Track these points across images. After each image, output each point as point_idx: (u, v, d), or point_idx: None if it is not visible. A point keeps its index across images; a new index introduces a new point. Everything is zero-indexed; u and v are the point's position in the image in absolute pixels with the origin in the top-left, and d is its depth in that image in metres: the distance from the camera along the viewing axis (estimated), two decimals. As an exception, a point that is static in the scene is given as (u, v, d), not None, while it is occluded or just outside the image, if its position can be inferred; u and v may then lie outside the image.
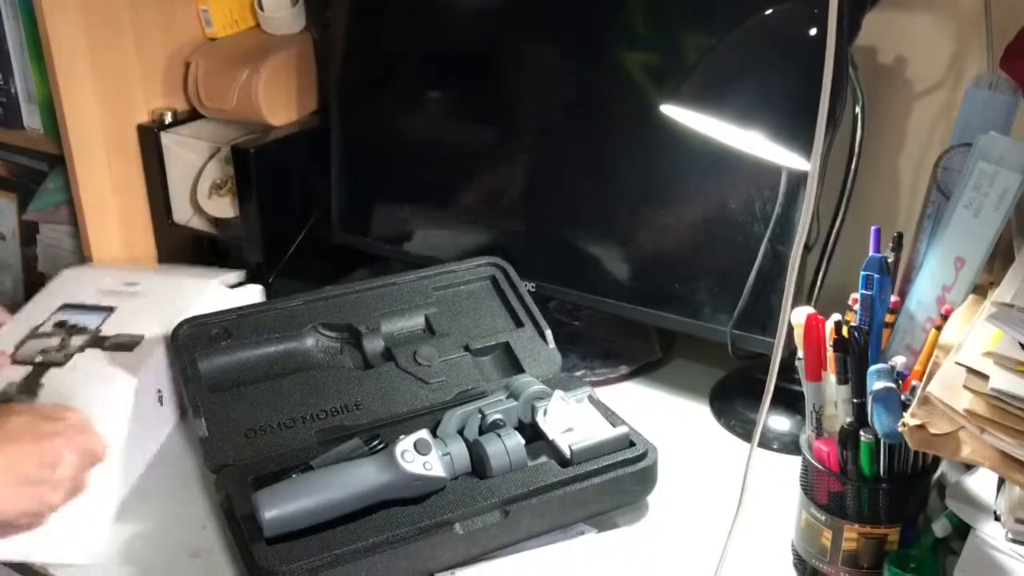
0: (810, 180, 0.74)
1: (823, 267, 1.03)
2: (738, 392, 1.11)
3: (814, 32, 0.88)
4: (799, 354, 0.82)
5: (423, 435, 0.87)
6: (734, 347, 1.04)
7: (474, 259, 1.14)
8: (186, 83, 1.31)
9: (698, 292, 1.06)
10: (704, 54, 0.97)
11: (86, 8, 1.17)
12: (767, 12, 0.92)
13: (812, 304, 1.02)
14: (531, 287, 1.14)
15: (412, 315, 1.08)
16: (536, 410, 0.93)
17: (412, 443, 0.86)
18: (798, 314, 0.81)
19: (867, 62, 1.07)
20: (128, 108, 1.27)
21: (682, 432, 1.05)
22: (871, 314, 0.81)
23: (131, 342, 1.04)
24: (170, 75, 1.30)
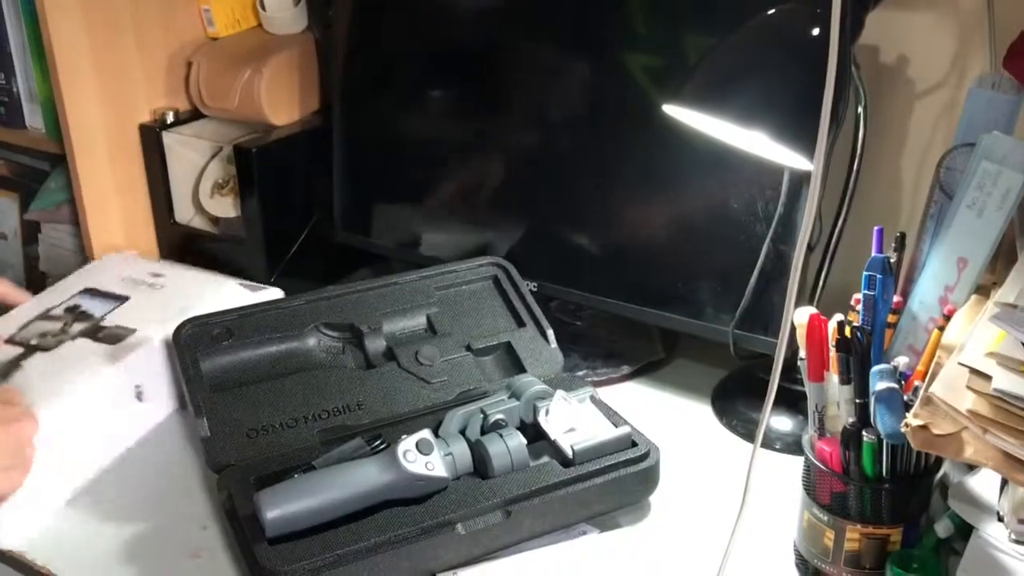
0: (813, 180, 0.73)
1: (825, 267, 1.03)
2: (740, 392, 1.11)
3: (817, 32, 0.88)
4: (801, 354, 0.81)
5: (425, 435, 0.87)
6: (736, 347, 1.04)
7: (476, 259, 1.13)
8: (188, 82, 1.31)
9: (700, 292, 1.06)
10: (706, 54, 0.97)
11: (87, 7, 1.18)
12: (770, 12, 0.91)
13: (815, 304, 1.02)
14: (533, 287, 1.14)
15: (414, 315, 1.08)
16: (538, 410, 0.93)
17: (414, 443, 0.86)
18: (801, 314, 0.80)
19: (869, 61, 1.07)
20: (130, 107, 1.27)
21: (684, 432, 1.05)
22: (873, 314, 0.81)
23: (122, 335, 1.04)
24: (172, 74, 1.30)
